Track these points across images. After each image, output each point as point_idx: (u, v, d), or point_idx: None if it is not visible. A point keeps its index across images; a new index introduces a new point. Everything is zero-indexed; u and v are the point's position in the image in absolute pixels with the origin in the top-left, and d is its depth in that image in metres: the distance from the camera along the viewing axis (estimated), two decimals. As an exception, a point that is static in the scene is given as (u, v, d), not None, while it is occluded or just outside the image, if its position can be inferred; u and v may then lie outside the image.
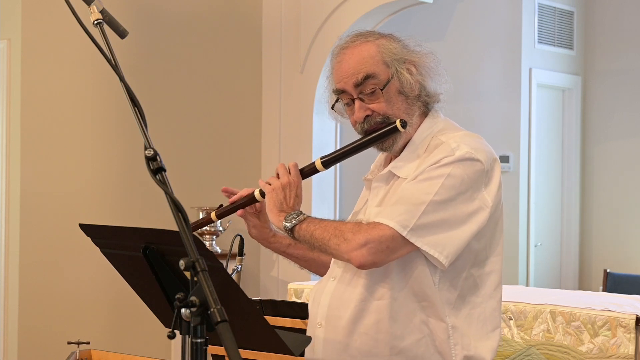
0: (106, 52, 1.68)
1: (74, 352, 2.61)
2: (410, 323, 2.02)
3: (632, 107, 7.02)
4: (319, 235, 2.01)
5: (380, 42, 2.08)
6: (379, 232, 1.94)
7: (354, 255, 1.94)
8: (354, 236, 1.95)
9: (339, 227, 2.00)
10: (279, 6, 5.68)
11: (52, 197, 4.82)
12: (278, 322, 2.91)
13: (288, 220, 2.06)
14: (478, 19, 6.50)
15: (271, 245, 2.32)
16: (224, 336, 1.30)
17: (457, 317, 2.03)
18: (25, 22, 4.73)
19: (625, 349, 3.33)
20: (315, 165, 2.15)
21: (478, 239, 2.02)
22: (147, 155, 1.54)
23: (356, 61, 2.06)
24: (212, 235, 5.27)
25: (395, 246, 1.94)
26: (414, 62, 2.08)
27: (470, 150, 2.00)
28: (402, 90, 2.06)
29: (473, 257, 2.04)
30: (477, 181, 2.00)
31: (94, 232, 1.88)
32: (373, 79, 2.05)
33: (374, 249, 1.93)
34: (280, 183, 2.12)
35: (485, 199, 2.01)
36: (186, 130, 5.37)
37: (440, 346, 2.02)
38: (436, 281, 2.01)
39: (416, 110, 2.10)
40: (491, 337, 2.08)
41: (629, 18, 7.07)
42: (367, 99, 2.06)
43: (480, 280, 2.07)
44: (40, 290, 4.77)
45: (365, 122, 2.08)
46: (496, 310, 2.10)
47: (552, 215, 7.07)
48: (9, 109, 4.78)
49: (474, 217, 1.99)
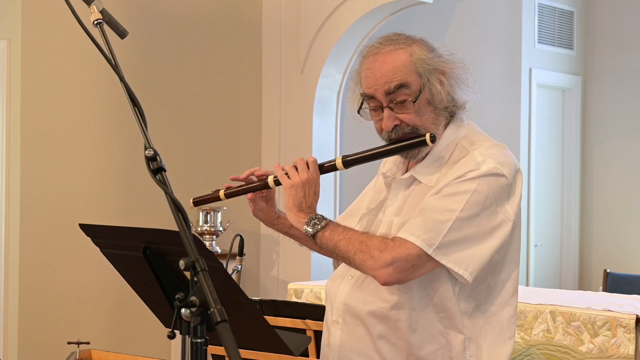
0: (106, 52, 1.67)
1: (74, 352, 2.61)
2: (428, 333, 2.01)
3: (632, 107, 7.02)
4: (343, 247, 1.99)
5: (413, 50, 2.05)
6: (405, 252, 1.92)
7: (380, 273, 1.93)
8: (381, 254, 1.93)
9: (364, 242, 1.97)
10: (279, 6, 5.68)
11: (52, 197, 4.81)
12: (278, 322, 2.91)
13: (310, 226, 2.04)
14: (478, 19, 6.50)
15: (274, 226, 2.31)
16: (224, 336, 1.30)
17: (474, 326, 2.03)
18: (25, 22, 4.73)
19: (625, 349, 3.33)
20: (335, 164, 2.12)
21: (498, 251, 2.02)
22: (147, 155, 1.54)
23: (389, 69, 2.03)
24: (212, 235, 5.27)
25: (421, 264, 1.94)
26: (445, 72, 2.06)
27: (497, 166, 1.99)
28: (431, 101, 2.04)
29: (492, 269, 2.04)
30: (501, 195, 2.00)
31: (94, 232, 1.88)
32: (405, 88, 2.02)
33: (400, 268, 1.92)
34: (300, 180, 2.09)
35: (508, 212, 2.01)
36: (186, 130, 5.37)
37: (456, 357, 2.02)
38: (456, 292, 2.01)
39: (443, 121, 2.08)
40: (507, 346, 2.07)
41: (629, 18, 7.07)
42: (396, 109, 2.03)
43: (495, 289, 2.06)
44: (40, 290, 4.77)
45: (393, 132, 2.06)
46: (512, 317, 2.09)
47: (552, 215, 7.07)
48: (9, 109, 4.78)
49: (497, 231, 1.99)
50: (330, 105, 5.63)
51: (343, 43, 5.46)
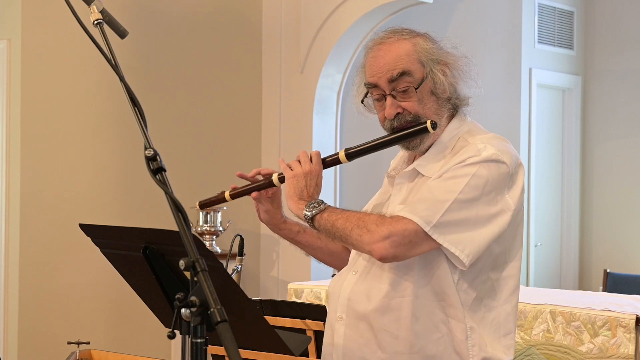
0: (106, 52, 1.68)
1: (74, 352, 2.61)
2: (430, 322, 2.03)
3: (632, 107, 7.02)
4: (340, 225, 2.00)
5: (417, 41, 2.08)
6: (402, 226, 1.94)
7: (376, 247, 1.94)
8: (378, 228, 1.95)
9: (362, 218, 1.99)
10: (279, 6, 5.68)
11: (52, 197, 4.82)
12: (278, 322, 2.91)
13: (309, 209, 2.05)
14: (478, 19, 6.50)
15: (281, 231, 2.30)
16: (224, 336, 1.30)
17: (473, 319, 2.04)
18: (25, 22, 4.73)
19: (625, 349, 3.33)
20: (338, 157, 2.14)
21: (498, 243, 2.02)
22: (147, 155, 1.54)
23: (392, 57, 2.06)
24: (212, 235, 5.27)
25: (418, 241, 1.94)
26: (449, 63, 2.08)
27: (497, 152, 2.00)
28: (434, 90, 2.06)
29: (492, 261, 2.05)
30: (501, 183, 2.00)
31: (94, 232, 1.88)
32: (408, 76, 2.05)
33: (396, 242, 1.93)
34: (302, 170, 2.11)
35: (508, 202, 2.01)
36: (186, 130, 5.37)
37: (458, 346, 2.03)
38: (455, 280, 2.01)
39: (445, 112, 2.10)
40: (503, 342, 2.08)
41: (629, 18, 7.07)
42: (399, 97, 2.06)
43: (497, 285, 2.07)
44: (40, 290, 4.77)
45: (395, 120, 2.07)
46: (510, 315, 2.10)
47: (552, 215, 7.07)
48: (9, 109, 4.78)
49: (496, 219, 1.99)
50: (330, 105, 5.63)
51: (343, 43, 5.46)
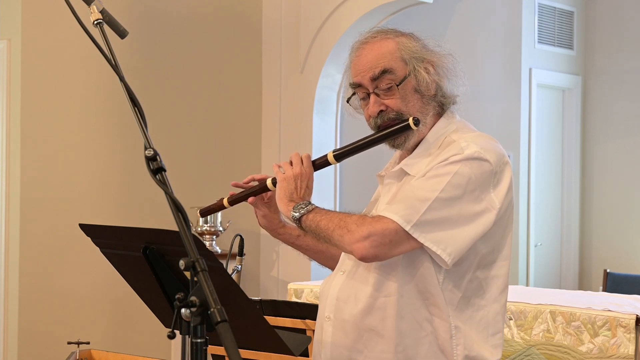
0: (106, 52, 1.68)
1: (74, 352, 2.61)
2: (415, 320, 2.03)
3: (632, 107, 7.02)
4: (324, 225, 2.01)
5: (400, 40, 2.10)
6: (382, 225, 1.94)
7: (356, 247, 1.95)
8: (358, 228, 1.95)
9: (343, 218, 2.00)
10: (279, 6, 5.68)
11: (52, 197, 4.82)
12: (278, 322, 2.91)
13: (296, 210, 2.06)
14: (478, 19, 6.50)
15: (280, 236, 2.31)
16: (224, 336, 1.30)
17: (460, 318, 2.03)
18: (25, 22, 4.73)
19: (625, 349, 3.33)
20: (327, 158, 2.16)
21: (484, 241, 2.02)
22: (147, 155, 1.54)
23: (375, 56, 2.08)
24: (212, 235, 5.27)
25: (398, 240, 1.94)
26: (433, 62, 2.09)
27: (479, 150, 2.00)
28: (418, 88, 2.07)
29: (479, 260, 2.04)
30: (485, 181, 1.99)
31: (94, 232, 1.88)
32: (390, 74, 2.06)
33: (376, 242, 1.93)
34: (292, 173, 2.12)
35: (493, 201, 2.00)
36: (186, 130, 5.37)
37: (442, 345, 2.03)
38: (440, 280, 2.01)
39: (431, 110, 2.10)
40: (491, 341, 2.08)
41: (629, 18, 7.07)
42: (382, 94, 2.07)
43: (485, 284, 2.06)
44: (40, 290, 4.77)
45: (379, 117, 2.08)
46: (499, 314, 2.09)
47: (552, 215, 7.07)
48: (9, 109, 4.78)
49: (480, 217, 1.98)
50: (330, 105, 5.63)
51: (343, 43, 5.46)
